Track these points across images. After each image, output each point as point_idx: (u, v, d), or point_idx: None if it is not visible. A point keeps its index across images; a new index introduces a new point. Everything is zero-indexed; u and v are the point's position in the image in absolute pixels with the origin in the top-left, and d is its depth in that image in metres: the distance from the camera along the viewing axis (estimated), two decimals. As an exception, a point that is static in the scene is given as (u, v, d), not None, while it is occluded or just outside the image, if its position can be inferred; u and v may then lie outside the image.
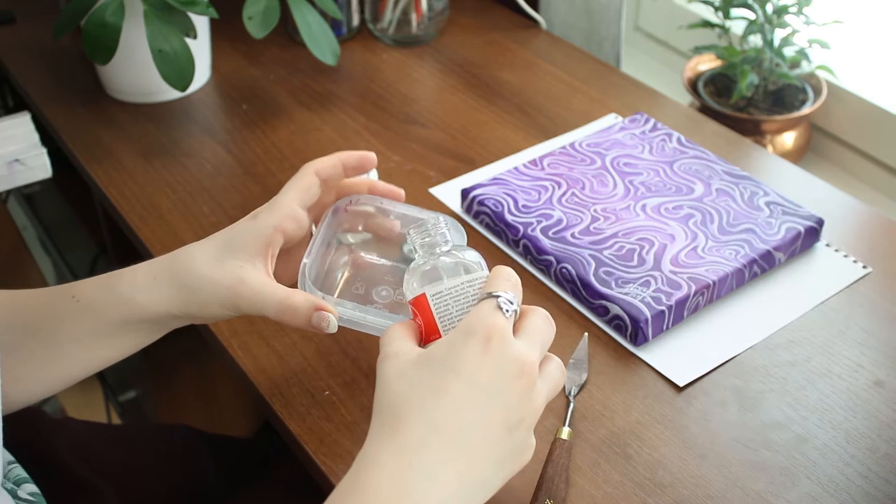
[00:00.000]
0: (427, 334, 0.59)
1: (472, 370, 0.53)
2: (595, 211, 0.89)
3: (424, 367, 0.54)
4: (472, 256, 0.61)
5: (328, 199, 0.73)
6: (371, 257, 0.74)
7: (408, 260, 0.72)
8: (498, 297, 0.55)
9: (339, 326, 0.65)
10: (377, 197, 0.71)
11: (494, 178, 0.93)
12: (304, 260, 0.66)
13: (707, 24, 1.16)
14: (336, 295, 0.70)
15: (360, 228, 0.72)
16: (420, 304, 0.59)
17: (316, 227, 0.69)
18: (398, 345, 0.56)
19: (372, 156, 0.71)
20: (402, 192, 0.71)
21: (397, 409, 0.52)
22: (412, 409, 0.52)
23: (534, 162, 0.96)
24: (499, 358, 0.53)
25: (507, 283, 0.57)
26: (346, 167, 0.70)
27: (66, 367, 0.68)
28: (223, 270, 0.64)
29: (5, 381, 0.66)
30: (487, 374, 0.53)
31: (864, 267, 0.86)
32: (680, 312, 0.79)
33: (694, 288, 0.80)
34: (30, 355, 0.67)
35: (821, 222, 0.87)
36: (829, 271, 0.86)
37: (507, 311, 0.55)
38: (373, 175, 0.84)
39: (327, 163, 0.69)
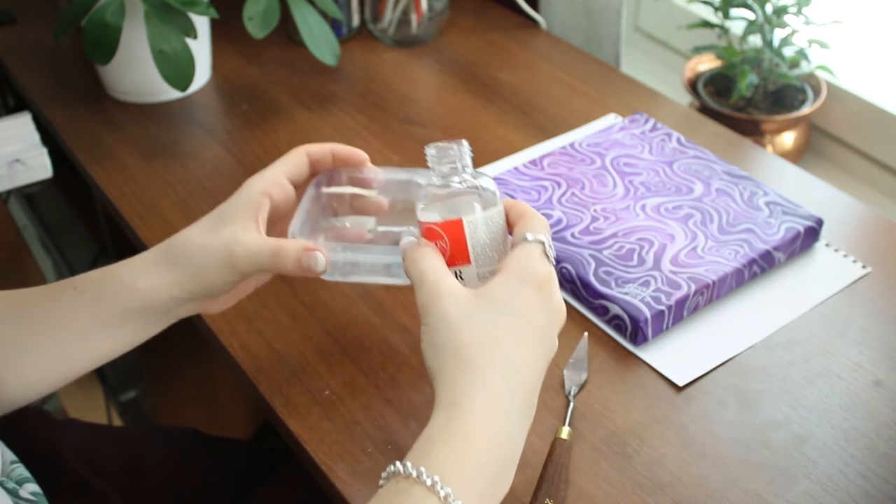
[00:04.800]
0: (454, 258, 0.62)
1: (532, 315, 0.58)
2: (595, 211, 0.89)
3: (490, 310, 0.57)
4: (491, 185, 0.63)
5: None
6: (358, 226, 0.76)
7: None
8: (543, 243, 0.60)
9: (337, 283, 0.69)
10: (356, 168, 0.73)
11: (494, 178, 0.93)
12: (291, 228, 0.69)
13: (707, 24, 1.16)
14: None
15: (345, 195, 0.74)
16: (453, 229, 0.61)
17: (293, 243, 0.70)
18: (442, 278, 0.59)
19: (363, 155, 0.73)
20: (363, 154, 0.73)
21: (475, 354, 0.56)
22: (493, 358, 0.56)
23: (533, 162, 0.96)
24: (549, 304, 0.59)
25: (542, 224, 0.62)
26: (335, 156, 0.72)
27: (68, 360, 0.69)
28: (218, 237, 0.67)
29: (9, 376, 0.67)
30: (541, 319, 0.58)
31: (864, 267, 0.86)
32: (680, 312, 0.80)
33: (694, 288, 0.80)
34: (32, 349, 0.68)
35: (820, 222, 0.88)
36: (828, 271, 0.86)
37: (552, 258, 0.61)
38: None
39: (319, 147, 0.72)
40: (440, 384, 0.56)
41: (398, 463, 0.52)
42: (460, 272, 0.62)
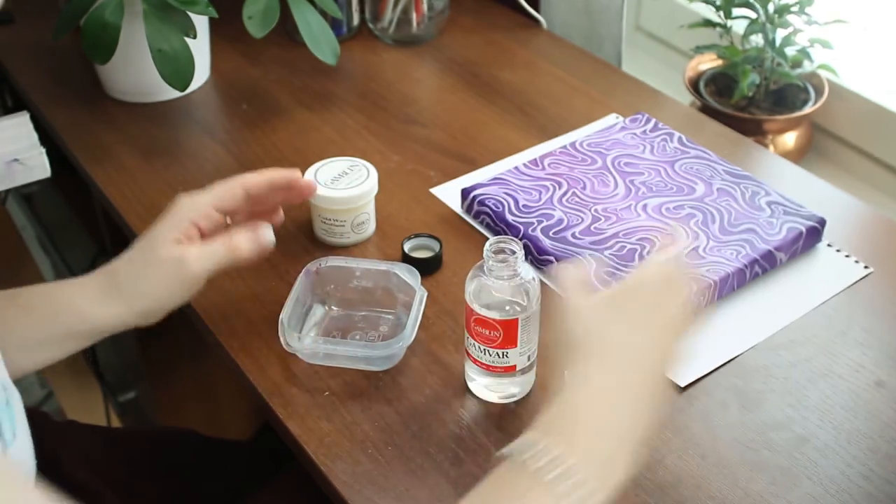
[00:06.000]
0: (503, 343, 0.69)
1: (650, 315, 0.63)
2: (596, 211, 0.88)
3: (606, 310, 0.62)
4: (537, 279, 0.69)
5: (258, 209, 0.79)
6: (342, 309, 0.82)
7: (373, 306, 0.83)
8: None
9: (322, 366, 0.76)
10: (341, 257, 0.81)
11: (495, 178, 0.93)
12: (281, 316, 0.75)
13: (708, 23, 1.15)
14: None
15: (330, 286, 0.81)
16: (509, 325, 0.68)
17: (238, 230, 0.76)
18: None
19: (301, 180, 0.79)
20: (298, 174, 0.78)
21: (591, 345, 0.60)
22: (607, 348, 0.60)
23: (534, 162, 0.95)
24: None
25: None
26: (273, 187, 0.77)
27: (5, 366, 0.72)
28: (165, 250, 0.72)
29: None
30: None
31: (866, 267, 0.86)
32: (681, 312, 0.79)
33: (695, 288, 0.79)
34: None
35: (822, 222, 0.87)
36: (830, 271, 0.86)
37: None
38: (373, 175, 0.88)
39: (255, 180, 0.76)
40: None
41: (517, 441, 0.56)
42: (506, 353, 0.70)
